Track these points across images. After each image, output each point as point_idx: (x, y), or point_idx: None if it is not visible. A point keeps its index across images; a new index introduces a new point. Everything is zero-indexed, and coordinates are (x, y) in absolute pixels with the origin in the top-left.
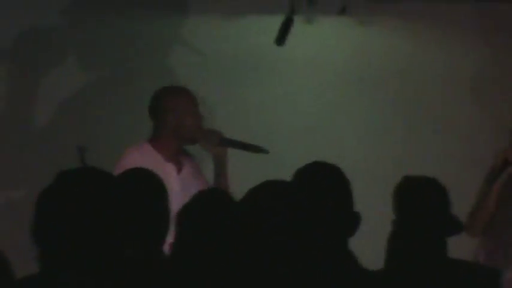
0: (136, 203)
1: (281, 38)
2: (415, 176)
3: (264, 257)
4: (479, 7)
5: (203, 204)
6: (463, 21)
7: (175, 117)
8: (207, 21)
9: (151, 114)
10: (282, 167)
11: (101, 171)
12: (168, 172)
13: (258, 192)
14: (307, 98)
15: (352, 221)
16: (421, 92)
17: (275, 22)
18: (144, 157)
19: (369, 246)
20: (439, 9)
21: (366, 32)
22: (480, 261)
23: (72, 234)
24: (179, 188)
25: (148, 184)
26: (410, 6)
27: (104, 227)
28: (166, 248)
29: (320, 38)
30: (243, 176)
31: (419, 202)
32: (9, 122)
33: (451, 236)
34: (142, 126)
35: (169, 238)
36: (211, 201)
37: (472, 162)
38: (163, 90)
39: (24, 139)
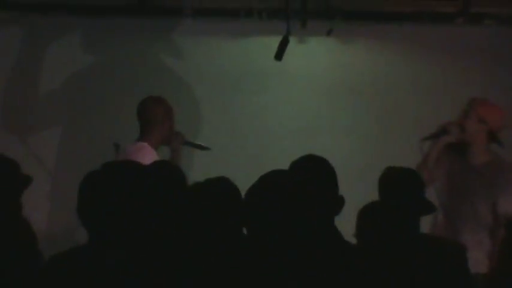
0: (169, 192)
1: (279, 54)
2: (396, 167)
3: (268, 228)
4: (438, 29)
5: (218, 188)
6: (426, 40)
7: (169, 123)
8: (218, 39)
9: (146, 119)
10: (279, 160)
11: (135, 163)
12: None
13: (264, 180)
14: (301, 104)
15: (337, 203)
16: (392, 99)
17: (273, 42)
18: (153, 153)
19: (353, 225)
20: (406, 30)
21: (347, 50)
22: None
23: (113, 215)
24: None
25: (178, 175)
26: (383, 28)
27: (140, 210)
28: None
29: (311, 54)
30: (246, 169)
31: (400, 187)
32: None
33: (424, 215)
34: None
35: None
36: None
37: None
38: (156, 101)
39: (69, 135)
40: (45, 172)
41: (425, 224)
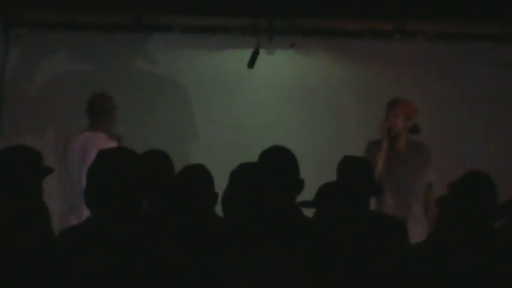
0: (155, 174)
1: (251, 63)
2: (352, 156)
3: (244, 204)
4: (379, 43)
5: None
6: (369, 53)
7: (115, 114)
8: (200, 51)
9: (97, 111)
10: (252, 149)
11: (130, 150)
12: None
13: (239, 169)
14: (268, 104)
15: (298, 185)
16: (342, 100)
17: (246, 53)
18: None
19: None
20: (353, 45)
21: (306, 60)
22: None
23: (109, 195)
24: None
25: (163, 161)
26: (335, 43)
27: (131, 190)
28: None
29: (276, 63)
30: (225, 155)
31: (355, 172)
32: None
33: (373, 196)
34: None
35: None
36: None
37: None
38: (104, 96)
39: None
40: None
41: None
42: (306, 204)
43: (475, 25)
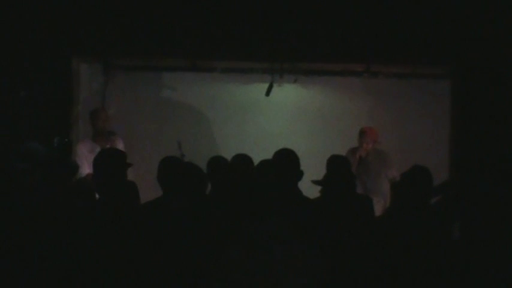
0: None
1: (268, 93)
2: (337, 155)
3: (260, 189)
4: (354, 79)
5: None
6: (347, 86)
7: (93, 125)
8: (233, 85)
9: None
10: (266, 152)
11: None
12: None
13: (260, 164)
14: (279, 121)
15: (299, 174)
16: (331, 120)
17: (264, 86)
18: (88, 144)
19: (310, 188)
20: (336, 80)
21: (305, 91)
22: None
23: (175, 182)
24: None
25: (212, 166)
26: (325, 79)
27: (189, 181)
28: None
29: (285, 93)
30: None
31: (338, 167)
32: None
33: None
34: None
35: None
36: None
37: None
38: (91, 111)
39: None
40: (142, 159)
41: None
42: (317, 182)
43: (417, 67)
